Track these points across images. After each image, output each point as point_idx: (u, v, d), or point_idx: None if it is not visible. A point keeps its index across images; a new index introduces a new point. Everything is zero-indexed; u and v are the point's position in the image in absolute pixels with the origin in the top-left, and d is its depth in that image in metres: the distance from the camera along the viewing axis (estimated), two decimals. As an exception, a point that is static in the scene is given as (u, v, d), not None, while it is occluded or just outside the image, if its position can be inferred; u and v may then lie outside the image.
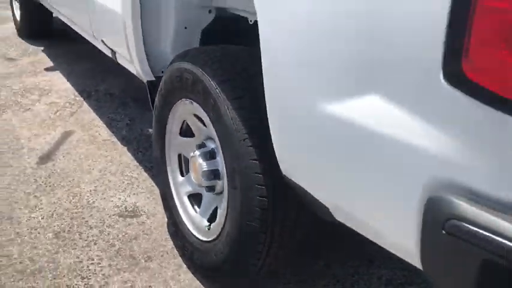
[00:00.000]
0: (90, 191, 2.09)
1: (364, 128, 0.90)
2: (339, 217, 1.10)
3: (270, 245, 1.35)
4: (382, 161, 0.88)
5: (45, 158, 2.35)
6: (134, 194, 2.08)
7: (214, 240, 1.50)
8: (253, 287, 1.62)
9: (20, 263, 1.66)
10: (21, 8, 4.13)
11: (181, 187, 1.69)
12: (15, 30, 4.41)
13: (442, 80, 0.75)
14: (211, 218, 1.57)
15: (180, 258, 1.71)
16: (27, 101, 3.01)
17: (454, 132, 0.76)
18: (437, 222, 0.78)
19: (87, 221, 1.89)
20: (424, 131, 0.80)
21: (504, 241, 0.70)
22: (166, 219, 1.81)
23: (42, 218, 1.90)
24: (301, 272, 1.65)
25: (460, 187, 0.76)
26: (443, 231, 0.77)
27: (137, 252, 1.73)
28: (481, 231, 0.72)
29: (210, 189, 1.53)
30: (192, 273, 1.64)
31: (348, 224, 1.08)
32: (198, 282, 1.61)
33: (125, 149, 2.46)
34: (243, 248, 1.37)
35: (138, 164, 2.32)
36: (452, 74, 0.74)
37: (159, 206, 1.87)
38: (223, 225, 1.43)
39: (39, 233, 1.81)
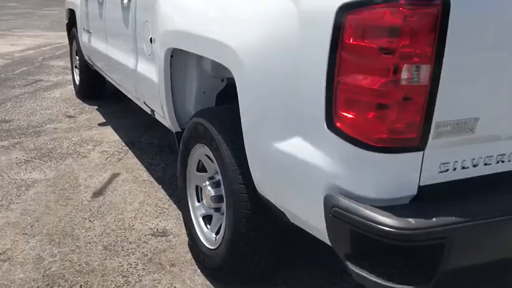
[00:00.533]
0: (131, 217, 2.69)
1: (294, 156, 1.46)
2: (292, 220, 1.64)
3: (254, 248, 1.89)
4: (305, 175, 1.44)
5: (98, 193, 2.99)
6: (165, 220, 2.66)
7: (218, 247, 2.05)
8: (245, 282, 2.13)
9: (79, 265, 2.25)
10: (80, 74, 4.95)
11: (197, 210, 2.27)
12: (75, 92, 5.23)
13: (326, 128, 1.32)
14: (218, 232, 2.12)
15: (196, 265, 2.25)
16: (84, 150, 3.70)
17: (335, 158, 1.32)
18: (328, 209, 1.32)
19: (127, 238, 2.48)
20: (322, 157, 1.36)
21: (359, 218, 1.24)
22: (187, 239, 2.37)
23: (94, 236, 2.50)
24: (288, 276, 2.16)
25: (340, 189, 1.31)
26: (330, 215, 1.31)
27: (164, 261, 2.29)
28: (347, 213, 1.27)
29: (217, 210, 2.10)
30: (204, 275, 2.18)
31: (297, 224, 1.62)
32: (208, 282, 2.15)
33: (160, 186, 3.07)
34: (234, 251, 1.91)
35: (169, 198, 2.91)
36: (330, 124, 1.30)
37: (183, 229, 2.43)
38: (224, 235, 1.99)
39: (92, 246, 2.41)
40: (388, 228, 1.21)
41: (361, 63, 1.22)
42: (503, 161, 1.40)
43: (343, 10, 1.21)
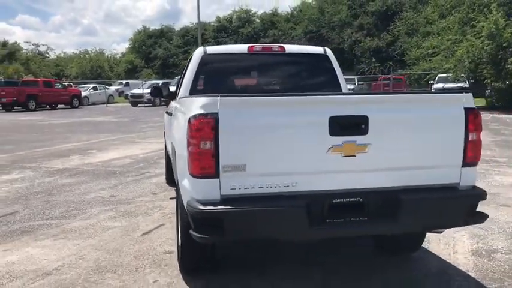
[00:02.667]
0: (159, 244, 4.42)
1: (182, 183, 3.13)
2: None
3: (191, 245, 3.49)
4: (186, 192, 3.08)
5: (146, 233, 4.80)
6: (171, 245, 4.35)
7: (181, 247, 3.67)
8: (197, 273, 3.68)
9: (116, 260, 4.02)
10: (166, 166, 7.06)
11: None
12: (165, 179, 7.33)
13: (188, 173, 3.00)
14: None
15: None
16: (152, 211, 5.61)
17: (190, 183, 2.97)
18: (182, 207, 2.96)
19: (149, 253, 4.20)
20: (187, 183, 3.01)
21: (193, 208, 2.87)
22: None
23: (132, 251, 4.27)
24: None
25: (191, 196, 2.94)
26: (187, 206, 2.94)
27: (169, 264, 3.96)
28: (190, 206, 2.89)
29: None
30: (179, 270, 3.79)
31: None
32: (180, 273, 3.75)
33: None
34: (184, 249, 3.53)
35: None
36: (189, 172, 2.99)
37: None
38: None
39: (127, 255, 4.17)
40: (200, 210, 2.82)
41: (191, 141, 2.91)
42: (270, 187, 2.92)
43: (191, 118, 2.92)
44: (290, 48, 5.08)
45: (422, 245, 4.33)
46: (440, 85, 24.18)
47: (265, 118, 2.90)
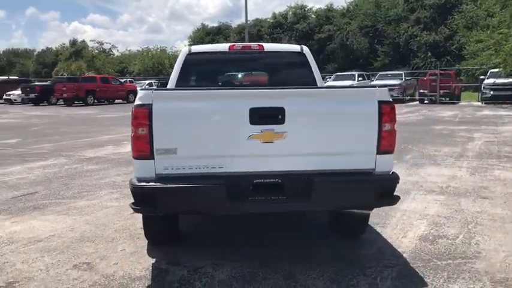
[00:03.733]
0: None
1: (132, 166, 3.69)
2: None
3: (149, 220, 4.04)
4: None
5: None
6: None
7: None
8: (161, 244, 4.23)
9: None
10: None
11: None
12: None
13: (133, 158, 3.54)
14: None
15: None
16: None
17: (135, 164, 3.52)
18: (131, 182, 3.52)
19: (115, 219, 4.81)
20: (135, 165, 3.57)
21: (132, 184, 3.41)
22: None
23: (110, 216, 4.90)
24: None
25: (135, 175, 3.48)
26: (131, 185, 3.48)
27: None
28: (131, 183, 3.44)
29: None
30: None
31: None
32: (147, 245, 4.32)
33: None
34: (144, 223, 4.09)
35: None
36: (134, 156, 3.54)
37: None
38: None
39: (109, 221, 4.80)
40: (134, 185, 3.36)
41: (132, 128, 3.45)
42: (198, 168, 3.41)
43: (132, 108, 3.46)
44: (268, 46, 5.50)
45: (376, 229, 4.68)
46: (491, 80, 23.39)
47: (193, 108, 3.40)
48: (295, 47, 5.56)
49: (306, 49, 5.47)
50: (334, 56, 54.13)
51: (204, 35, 62.77)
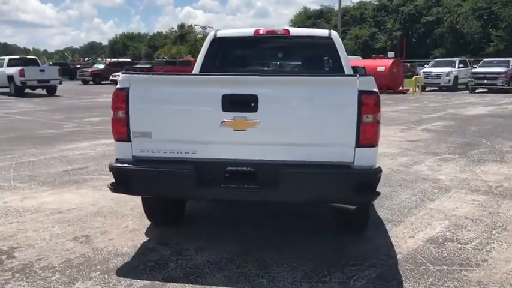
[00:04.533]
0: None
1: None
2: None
3: (146, 201, 4.17)
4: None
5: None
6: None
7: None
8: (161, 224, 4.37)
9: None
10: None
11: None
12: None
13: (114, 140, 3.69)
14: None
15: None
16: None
17: (116, 147, 3.66)
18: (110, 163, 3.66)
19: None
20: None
21: (112, 165, 3.56)
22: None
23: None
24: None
25: (117, 158, 3.63)
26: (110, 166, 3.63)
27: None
28: (111, 165, 3.58)
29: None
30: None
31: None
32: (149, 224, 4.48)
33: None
34: (143, 204, 4.24)
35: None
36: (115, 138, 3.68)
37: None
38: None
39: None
40: (111, 166, 3.49)
41: (111, 110, 3.55)
42: (172, 152, 3.45)
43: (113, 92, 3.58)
44: (294, 31, 5.35)
45: (387, 227, 4.42)
46: None
47: (168, 93, 3.45)
48: (323, 32, 5.34)
49: (334, 34, 5.24)
50: (442, 40, 51.12)
51: (306, 18, 62.37)
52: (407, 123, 12.29)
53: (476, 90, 24.66)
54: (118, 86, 3.49)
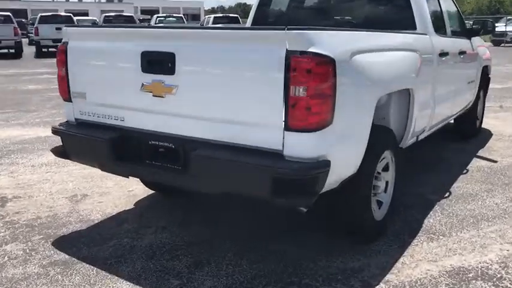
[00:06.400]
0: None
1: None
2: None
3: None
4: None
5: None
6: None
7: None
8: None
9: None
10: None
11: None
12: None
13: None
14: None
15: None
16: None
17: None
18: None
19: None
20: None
21: (53, 126, 3.31)
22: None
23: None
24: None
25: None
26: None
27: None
28: (55, 125, 3.34)
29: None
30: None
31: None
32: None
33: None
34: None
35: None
36: None
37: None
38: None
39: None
40: (52, 128, 3.23)
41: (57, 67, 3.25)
42: (104, 117, 3.01)
43: None
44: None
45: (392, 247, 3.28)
46: None
47: (96, 49, 3.02)
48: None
49: None
50: None
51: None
52: None
53: None
54: (63, 40, 3.17)
